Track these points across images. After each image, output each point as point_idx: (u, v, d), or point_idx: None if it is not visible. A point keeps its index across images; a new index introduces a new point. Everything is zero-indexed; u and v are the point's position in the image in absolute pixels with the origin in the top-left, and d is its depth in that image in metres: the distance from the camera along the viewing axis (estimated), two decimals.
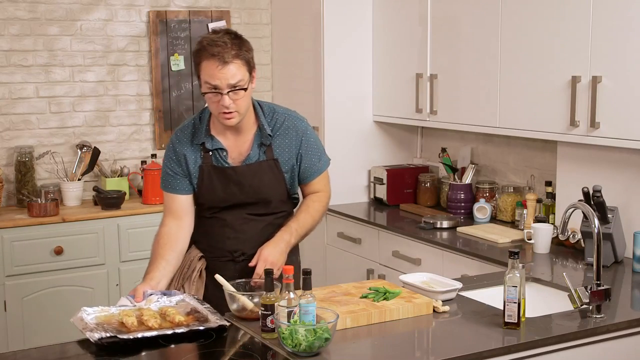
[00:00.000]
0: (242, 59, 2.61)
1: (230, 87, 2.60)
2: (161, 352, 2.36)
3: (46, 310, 4.16)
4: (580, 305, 2.51)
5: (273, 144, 2.78)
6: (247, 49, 2.65)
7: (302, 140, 2.81)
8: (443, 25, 4.03)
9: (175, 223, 2.80)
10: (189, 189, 2.80)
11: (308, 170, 2.85)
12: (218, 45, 2.58)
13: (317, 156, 2.86)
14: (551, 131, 3.41)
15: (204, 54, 2.60)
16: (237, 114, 2.65)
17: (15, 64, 4.50)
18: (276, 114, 2.82)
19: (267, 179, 2.77)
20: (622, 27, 3.06)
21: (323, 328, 2.17)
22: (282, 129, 2.80)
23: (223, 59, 2.57)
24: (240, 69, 2.60)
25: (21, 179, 4.46)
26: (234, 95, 2.61)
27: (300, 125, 2.84)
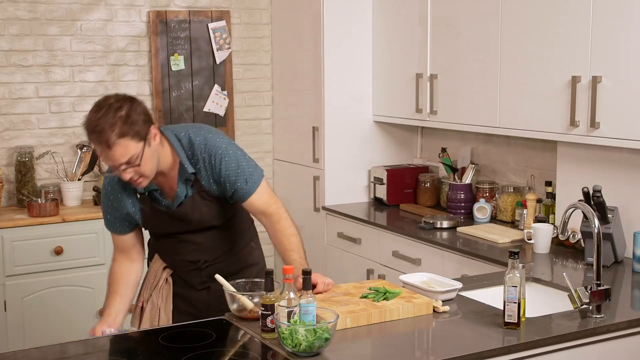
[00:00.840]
0: (127, 135, 2.47)
1: (123, 164, 2.51)
2: (161, 352, 2.36)
3: (46, 310, 4.16)
4: (580, 305, 2.51)
5: (198, 176, 2.69)
6: (132, 121, 2.48)
7: (220, 169, 2.68)
8: (443, 25, 4.03)
9: (125, 257, 2.87)
10: (132, 227, 2.82)
11: (238, 193, 2.72)
12: (96, 132, 2.46)
13: (242, 179, 2.70)
14: (551, 131, 3.41)
15: (89, 137, 2.53)
16: (144, 178, 2.58)
17: (15, 64, 4.50)
18: (194, 146, 2.67)
19: (205, 210, 2.73)
20: (622, 27, 3.06)
21: (323, 328, 2.17)
22: (201, 162, 2.67)
23: (107, 144, 2.46)
24: (127, 146, 2.47)
25: (21, 179, 4.46)
26: (133, 168, 2.53)
27: (216, 154, 2.67)
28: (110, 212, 2.79)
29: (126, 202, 2.74)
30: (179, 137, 2.69)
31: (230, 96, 5.02)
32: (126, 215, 2.77)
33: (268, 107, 5.19)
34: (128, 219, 2.79)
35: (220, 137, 2.73)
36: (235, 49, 5.04)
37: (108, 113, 2.47)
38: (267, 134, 5.20)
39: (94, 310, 4.27)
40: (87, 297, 4.25)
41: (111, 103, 2.50)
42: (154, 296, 2.86)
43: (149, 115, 2.57)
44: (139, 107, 2.53)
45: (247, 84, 5.11)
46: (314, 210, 4.66)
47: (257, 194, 2.73)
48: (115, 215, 2.78)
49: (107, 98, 2.54)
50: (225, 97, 5.00)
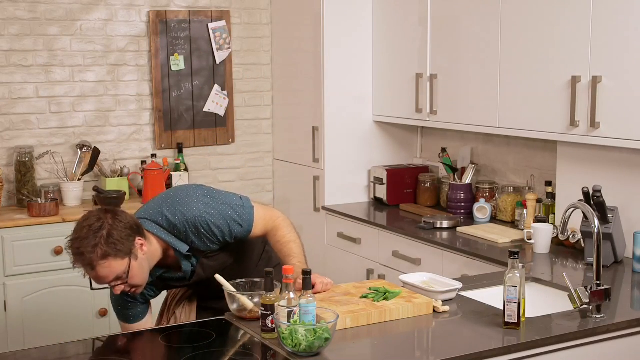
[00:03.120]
0: (109, 255, 2.43)
1: (112, 281, 2.48)
2: (161, 352, 2.36)
3: (46, 310, 4.16)
4: (580, 305, 2.51)
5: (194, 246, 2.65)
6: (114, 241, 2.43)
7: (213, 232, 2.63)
8: (443, 25, 4.03)
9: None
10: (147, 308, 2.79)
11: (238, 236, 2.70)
12: (78, 254, 2.43)
13: (236, 225, 2.66)
14: (551, 131, 3.41)
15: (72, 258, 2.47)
16: (137, 287, 2.55)
17: (15, 64, 4.49)
18: (176, 226, 2.61)
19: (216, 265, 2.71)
20: (622, 27, 3.06)
21: (323, 328, 2.17)
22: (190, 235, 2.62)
23: (90, 266, 2.43)
24: (111, 266, 2.44)
25: (21, 179, 4.46)
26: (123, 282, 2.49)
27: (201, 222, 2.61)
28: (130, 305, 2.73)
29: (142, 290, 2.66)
30: (158, 223, 2.62)
31: (230, 96, 5.02)
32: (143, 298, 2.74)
33: (268, 107, 5.19)
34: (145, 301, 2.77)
35: (195, 201, 2.64)
36: (235, 49, 5.04)
37: (88, 235, 2.41)
38: (267, 134, 5.20)
39: (94, 310, 4.28)
40: (87, 297, 4.24)
41: (92, 224, 2.44)
42: (178, 313, 2.84)
43: (133, 227, 2.50)
44: (121, 223, 2.46)
45: (247, 84, 5.11)
46: (314, 210, 4.66)
47: (254, 227, 2.72)
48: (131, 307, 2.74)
49: (87, 217, 2.48)
50: (225, 97, 5.00)
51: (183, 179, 4.72)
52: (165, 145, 4.87)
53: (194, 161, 4.96)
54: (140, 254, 2.49)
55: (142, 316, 2.77)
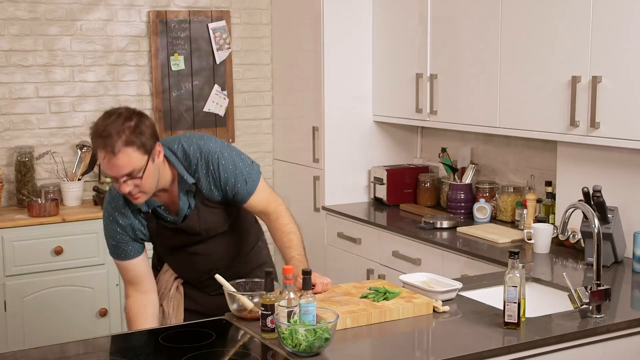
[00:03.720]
0: (133, 145, 2.43)
1: (124, 176, 2.46)
2: (161, 352, 2.36)
3: (46, 310, 4.16)
4: (580, 305, 2.51)
5: (199, 184, 2.68)
6: (140, 132, 2.45)
7: (219, 173, 2.66)
8: (443, 25, 4.03)
9: (137, 290, 2.75)
10: (140, 248, 2.74)
11: (239, 195, 2.72)
12: (104, 136, 2.42)
13: (241, 180, 2.69)
14: (551, 131, 3.41)
15: (94, 142, 2.48)
16: (143, 194, 2.54)
17: (15, 64, 4.49)
18: (189, 155, 2.65)
19: (210, 219, 2.72)
20: (622, 27, 3.06)
21: (323, 328, 2.17)
22: (198, 170, 2.66)
23: (112, 150, 2.41)
24: (131, 157, 2.43)
25: (21, 179, 4.46)
26: (132, 181, 2.48)
27: (212, 160, 2.66)
28: (117, 235, 2.69)
29: (132, 220, 2.68)
30: (172, 150, 2.65)
31: (230, 96, 5.02)
32: (133, 233, 2.69)
33: (268, 107, 5.19)
34: (136, 238, 2.71)
35: (213, 141, 2.70)
36: (235, 49, 5.04)
37: (117, 120, 2.44)
38: (267, 134, 5.20)
39: (94, 310, 4.28)
40: (87, 297, 4.25)
41: (121, 112, 2.48)
42: (165, 305, 2.83)
43: (156, 132, 2.54)
44: (147, 121, 2.51)
45: (247, 84, 5.11)
46: (314, 210, 4.66)
47: (256, 193, 2.73)
48: (125, 239, 2.69)
49: (117, 108, 2.53)
50: (225, 97, 5.00)
51: None
52: None
53: None
54: (157, 159, 2.53)
55: (136, 254, 2.71)
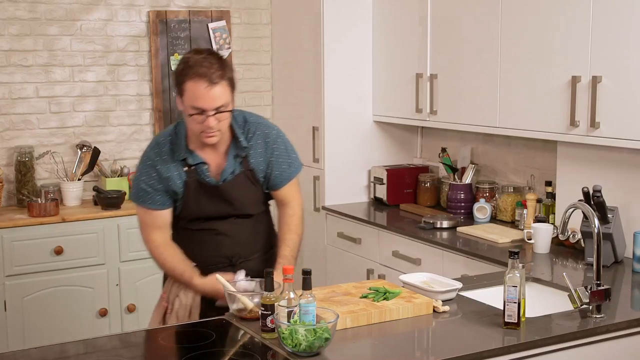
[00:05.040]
0: (227, 79, 2.60)
1: (215, 109, 2.58)
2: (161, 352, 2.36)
3: (46, 310, 4.16)
4: (580, 305, 2.51)
5: (248, 154, 2.77)
6: (230, 70, 2.65)
7: (273, 148, 2.81)
8: (443, 25, 4.03)
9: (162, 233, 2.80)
10: (170, 202, 2.78)
11: (278, 177, 2.84)
12: (205, 66, 2.55)
13: (287, 162, 2.85)
14: (551, 131, 3.41)
15: (190, 73, 2.56)
16: (219, 132, 2.66)
17: (15, 64, 4.50)
18: (248, 123, 2.79)
19: (247, 191, 2.79)
20: (622, 27, 3.06)
21: (323, 328, 2.17)
22: (254, 139, 2.78)
23: (211, 79, 2.55)
24: (225, 90, 2.59)
25: (21, 179, 4.46)
26: (219, 116, 2.61)
27: (271, 133, 2.83)
28: (151, 181, 2.74)
29: (173, 171, 2.73)
30: (233, 115, 2.74)
31: None
32: (167, 186, 2.72)
33: (268, 107, 5.19)
34: (168, 191, 2.74)
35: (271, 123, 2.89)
36: (235, 49, 5.04)
37: (212, 56, 2.60)
38: None
39: (94, 310, 4.28)
40: (87, 297, 4.25)
41: (210, 50, 2.68)
42: (182, 296, 2.80)
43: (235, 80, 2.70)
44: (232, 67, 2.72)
45: (247, 84, 5.11)
46: (314, 210, 4.66)
47: (291, 183, 2.87)
48: (158, 187, 2.74)
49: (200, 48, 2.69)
50: None
51: None
52: None
53: None
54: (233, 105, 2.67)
55: (165, 206, 2.76)
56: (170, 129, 2.81)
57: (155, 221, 2.79)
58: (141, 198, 2.78)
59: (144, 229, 2.83)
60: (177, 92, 2.65)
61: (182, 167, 2.74)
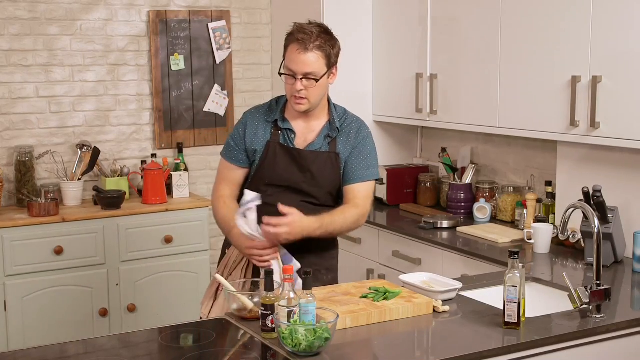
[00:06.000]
0: (323, 51, 2.73)
1: (304, 74, 2.72)
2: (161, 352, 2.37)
3: (46, 310, 4.16)
4: (580, 305, 2.51)
5: (337, 139, 2.87)
6: (331, 45, 2.77)
7: (360, 142, 2.89)
8: (443, 25, 4.03)
9: (230, 191, 2.93)
10: (247, 163, 2.91)
11: (352, 172, 2.86)
12: (304, 33, 2.72)
13: (366, 163, 2.89)
14: (551, 131, 3.41)
15: (291, 38, 2.75)
16: (307, 101, 2.77)
17: (15, 64, 4.49)
18: (347, 115, 2.94)
19: (326, 168, 2.84)
20: (622, 27, 3.06)
21: (323, 328, 2.17)
22: (348, 128, 2.90)
23: (305, 45, 2.71)
24: (318, 60, 2.73)
25: (21, 179, 4.46)
26: (307, 83, 2.73)
27: (365, 130, 2.94)
28: (237, 136, 2.91)
29: (260, 130, 2.87)
30: (335, 105, 2.94)
31: (230, 96, 5.02)
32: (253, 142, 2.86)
33: None
34: (250, 151, 2.87)
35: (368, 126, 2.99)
36: (235, 48, 5.04)
37: (318, 28, 2.76)
38: None
39: (94, 310, 4.28)
40: (87, 297, 4.25)
41: (321, 24, 2.79)
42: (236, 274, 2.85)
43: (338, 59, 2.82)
44: (338, 43, 2.81)
45: (247, 84, 5.11)
46: None
47: (364, 184, 2.87)
48: (240, 143, 2.89)
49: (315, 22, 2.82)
50: (225, 97, 5.00)
51: (183, 179, 4.72)
52: (165, 145, 4.87)
53: (194, 161, 4.96)
54: (330, 80, 2.82)
55: (243, 164, 2.91)
56: (274, 98, 2.98)
57: (228, 175, 2.94)
58: (224, 150, 2.97)
59: (217, 180, 2.99)
60: (283, 55, 2.81)
61: (270, 128, 2.87)
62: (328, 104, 2.91)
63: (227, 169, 2.94)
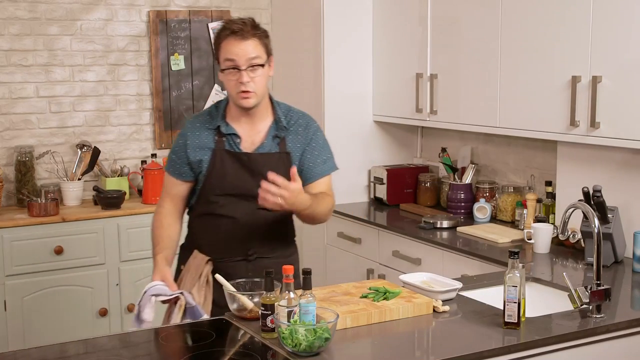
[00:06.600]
0: (260, 38, 2.71)
1: (248, 62, 2.66)
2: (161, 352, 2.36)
3: (46, 310, 4.16)
4: (580, 305, 2.51)
5: (286, 138, 2.80)
6: (265, 35, 2.74)
7: (311, 139, 2.83)
8: (443, 25, 4.03)
9: (173, 206, 2.85)
10: (190, 176, 2.82)
11: (312, 170, 2.82)
12: (237, 24, 2.68)
13: (322, 158, 2.84)
14: (551, 131, 3.41)
15: (224, 33, 2.69)
16: (255, 94, 2.69)
17: (15, 64, 4.50)
18: (291, 111, 2.87)
19: (278, 170, 2.69)
20: (622, 27, 3.06)
21: (323, 328, 2.17)
22: (295, 126, 2.83)
23: (242, 34, 2.66)
24: (257, 46, 2.69)
25: (21, 179, 4.46)
26: (252, 73, 2.67)
27: (312, 124, 2.88)
28: (178, 150, 2.81)
29: (202, 139, 2.77)
30: (277, 102, 2.86)
31: None
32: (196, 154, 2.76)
33: None
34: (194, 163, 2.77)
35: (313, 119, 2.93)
36: None
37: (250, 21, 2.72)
38: None
39: (94, 310, 4.28)
40: (87, 297, 4.25)
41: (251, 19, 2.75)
42: (195, 293, 2.75)
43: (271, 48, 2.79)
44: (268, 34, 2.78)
45: None
46: None
47: (326, 178, 2.87)
48: (181, 155, 2.79)
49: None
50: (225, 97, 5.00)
51: None
52: (165, 145, 4.87)
53: None
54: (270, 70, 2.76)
55: (187, 178, 2.81)
56: (213, 104, 2.91)
57: (171, 190, 2.86)
58: (167, 164, 2.88)
59: (162, 193, 2.92)
60: (216, 58, 2.75)
61: (214, 135, 2.78)
62: (271, 102, 2.83)
63: (171, 184, 2.85)
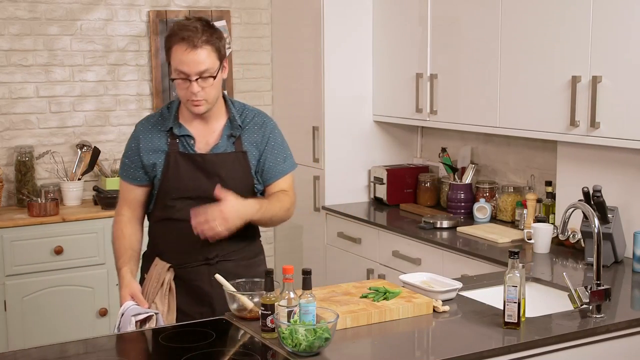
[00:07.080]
0: (212, 45, 2.58)
1: (198, 74, 2.57)
2: (161, 352, 2.36)
3: (46, 310, 4.16)
4: (580, 305, 2.51)
5: (242, 137, 2.73)
6: (218, 37, 2.62)
7: (269, 138, 2.77)
8: (443, 25, 4.03)
9: (131, 213, 2.79)
10: (145, 180, 2.74)
11: (272, 169, 2.76)
12: (189, 30, 2.56)
13: (282, 156, 2.78)
14: (551, 131, 3.41)
15: (174, 39, 2.58)
16: (206, 102, 2.62)
17: (15, 64, 4.50)
18: (246, 109, 2.79)
19: (235, 170, 2.69)
20: (622, 27, 3.06)
21: (323, 328, 2.17)
22: (251, 124, 2.76)
23: (192, 43, 2.55)
24: (209, 55, 2.58)
25: (21, 179, 4.46)
26: (203, 83, 2.58)
27: (269, 123, 2.80)
28: (131, 154, 2.73)
29: (155, 142, 2.70)
30: (231, 100, 2.79)
31: (230, 96, 5.01)
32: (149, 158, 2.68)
33: (268, 107, 5.18)
34: (148, 166, 2.70)
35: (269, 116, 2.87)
36: (235, 48, 5.04)
37: (199, 22, 2.60)
38: None
39: (94, 310, 4.28)
40: (87, 297, 4.25)
41: (200, 18, 2.64)
42: (158, 302, 2.71)
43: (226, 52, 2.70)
44: (222, 34, 2.66)
45: (247, 84, 5.11)
46: (314, 210, 4.66)
47: (287, 177, 2.80)
48: (135, 159, 2.72)
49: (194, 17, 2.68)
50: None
51: None
52: None
53: None
54: (223, 74, 2.66)
55: (142, 182, 2.74)
56: (164, 105, 2.82)
57: (128, 196, 2.78)
58: (120, 169, 2.81)
59: (118, 201, 2.83)
60: (166, 58, 2.66)
61: (166, 138, 2.70)
62: (225, 101, 2.76)
63: (126, 190, 2.77)
